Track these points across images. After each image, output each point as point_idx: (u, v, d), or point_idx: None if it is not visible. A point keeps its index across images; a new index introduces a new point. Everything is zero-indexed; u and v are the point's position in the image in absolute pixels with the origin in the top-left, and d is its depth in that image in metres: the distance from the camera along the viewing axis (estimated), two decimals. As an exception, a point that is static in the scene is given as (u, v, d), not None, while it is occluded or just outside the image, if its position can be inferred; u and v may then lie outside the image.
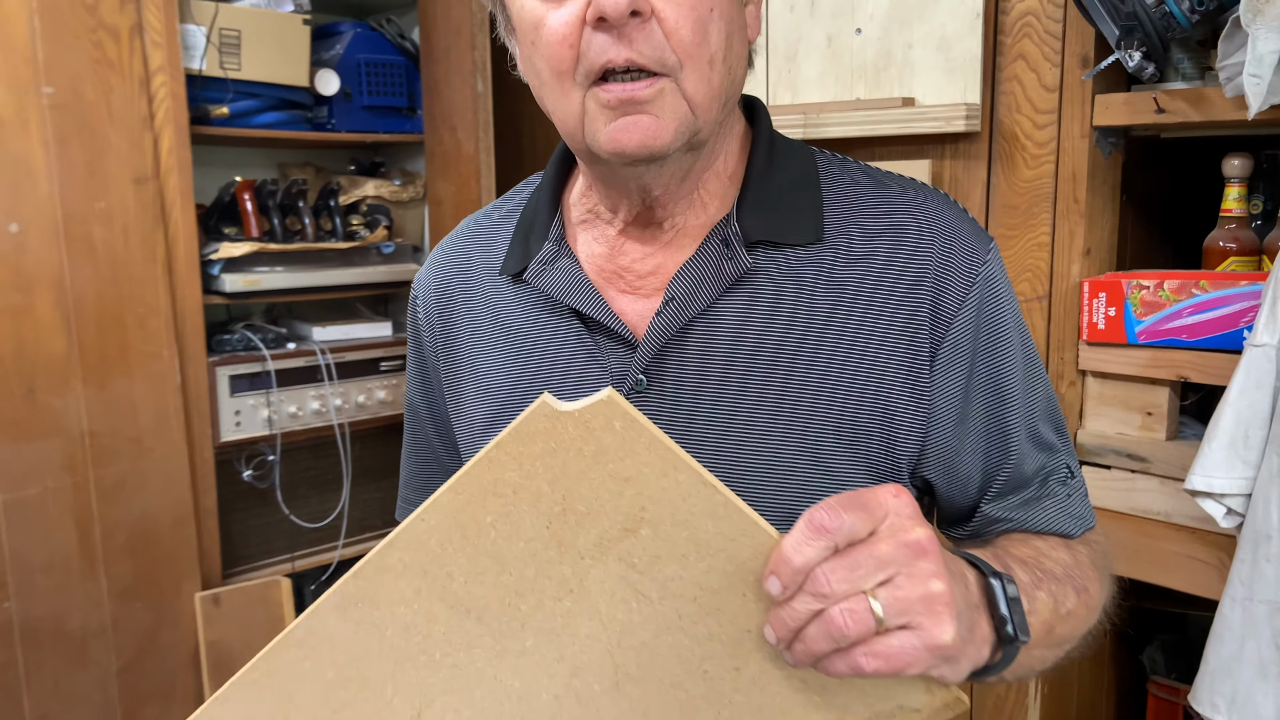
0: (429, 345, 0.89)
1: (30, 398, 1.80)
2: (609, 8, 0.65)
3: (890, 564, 0.54)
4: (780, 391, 0.74)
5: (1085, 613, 0.74)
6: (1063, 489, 0.80)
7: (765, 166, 0.78)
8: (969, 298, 0.75)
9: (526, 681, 0.64)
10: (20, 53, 1.76)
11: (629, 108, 0.68)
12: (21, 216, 1.77)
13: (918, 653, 0.55)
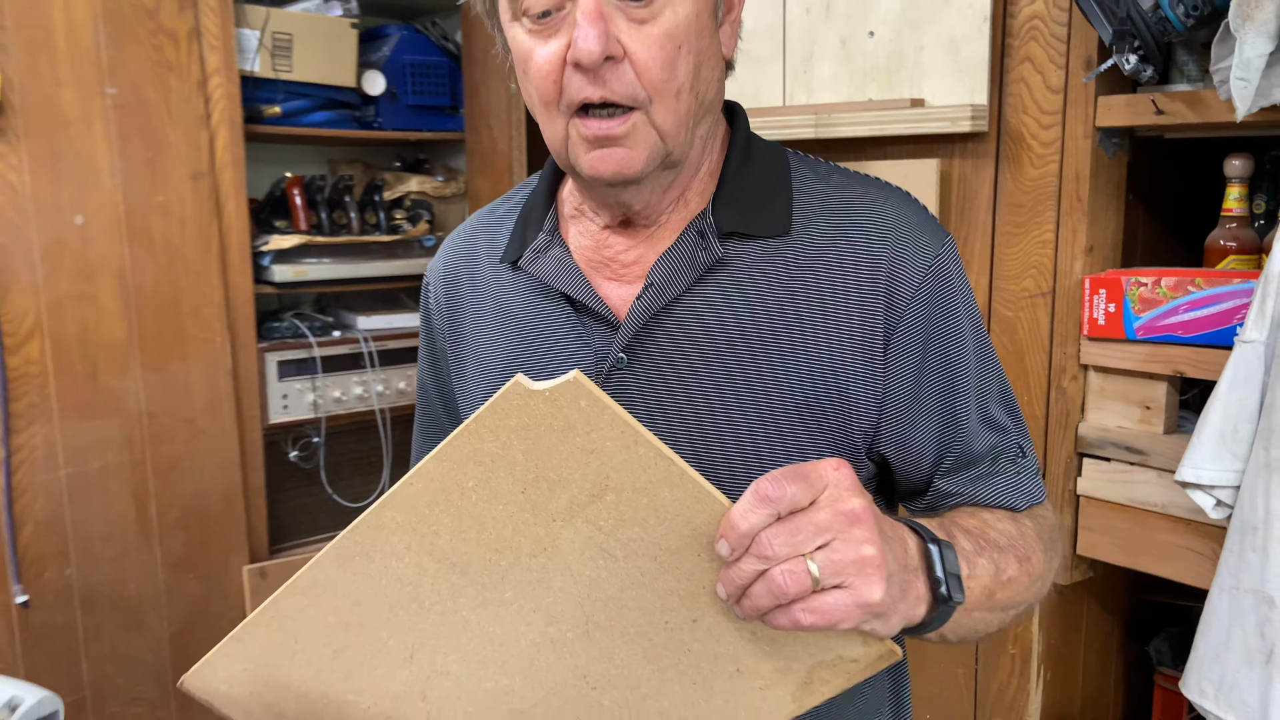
0: (439, 328, 0.97)
1: (93, 379, 1.93)
2: (583, 56, 0.72)
3: (827, 530, 0.61)
4: (747, 370, 0.80)
5: (1027, 580, 0.79)
6: (1012, 467, 0.85)
7: (740, 165, 0.85)
8: (921, 288, 0.81)
9: (506, 628, 0.71)
10: (86, 56, 1.89)
11: (604, 141, 0.76)
12: (86, 210, 1.90)
13: (850, 609, 0.61)
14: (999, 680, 1.64)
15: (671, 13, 0.74)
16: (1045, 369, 1.53)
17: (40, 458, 1.87)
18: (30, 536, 1.86)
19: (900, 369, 0.81)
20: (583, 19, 0.72)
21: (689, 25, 0.75)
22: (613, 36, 0.73)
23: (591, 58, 0.72)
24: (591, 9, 0.72)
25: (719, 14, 0.80)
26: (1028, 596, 0.81)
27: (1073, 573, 1.55)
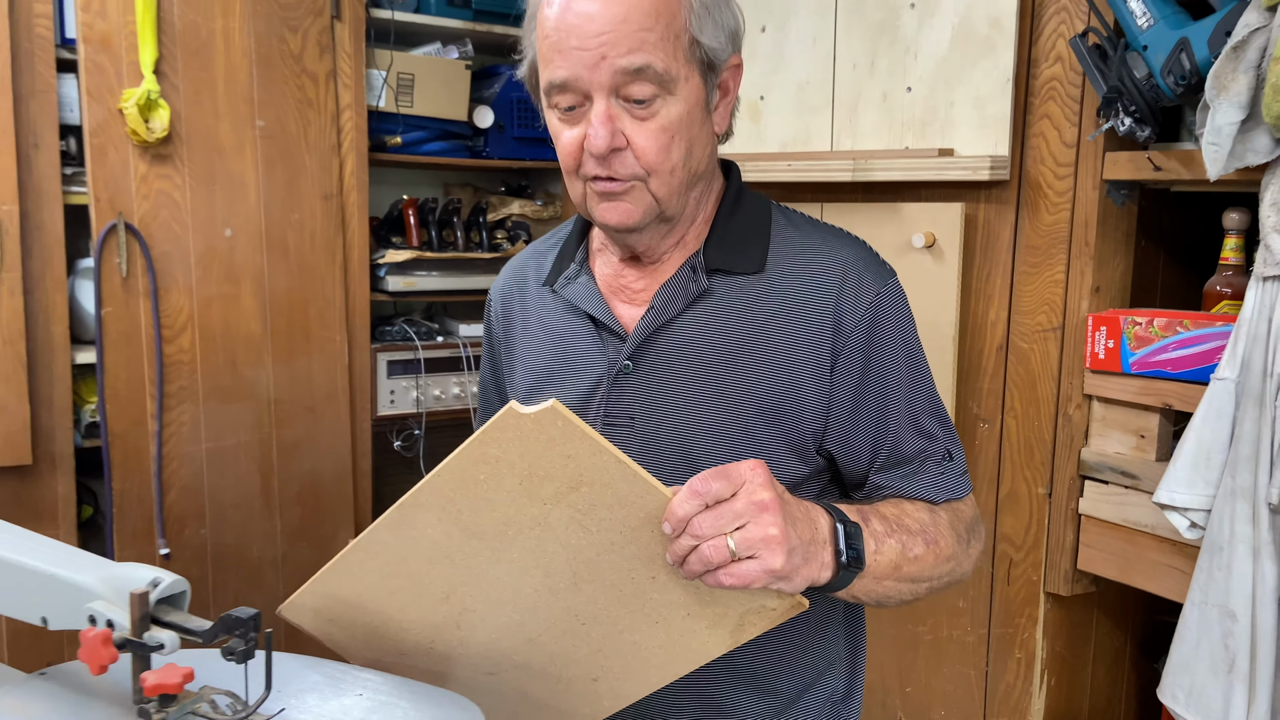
0: (496, 335, 1.21)
1: (232, 368, 2.26)
2: (594, 148, 0.95)
3: (742, 515, 0.81)
4: (723, 378, 1.01)
5: (934, 559, 0.98)
6: (937, 468, 1.03)
7: (728, 215, 1.06)
8: (862, 320, 1.00)
9: (515, 579, 0.94)
10: (241, 94, 2.22)
11: (610, 196, 0.98)
12: (234, 224, 2.24)
13: (758, 574, 0.81)
14: (1005, 682, 1.79)
15: (666, 111, 0.96)
16: (1054, 397, 1.68)
17: (186, 433, 2.20)
18: (174, 499, 2.20)
19: (843, 384, 1.01)
20: (595, 120, 0.95)
21: (681, 119, 0.97)
22: (619, 131, 0.95)
23: (601, 150, 0.95)
24: (603, 112, 0.94)
25: (712, 103, 1.02)
26: (938, 573, 0.99)
27: (1074, 586, 1.69)
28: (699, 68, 0.97)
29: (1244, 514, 1.36)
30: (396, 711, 0.88)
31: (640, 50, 0.93)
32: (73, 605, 0.85)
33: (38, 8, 2.02)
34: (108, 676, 0.91)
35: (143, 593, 0.82)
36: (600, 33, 0.93)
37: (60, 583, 0.86)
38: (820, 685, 1.10)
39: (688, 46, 0.96)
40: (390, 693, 0.91)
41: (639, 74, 0.93)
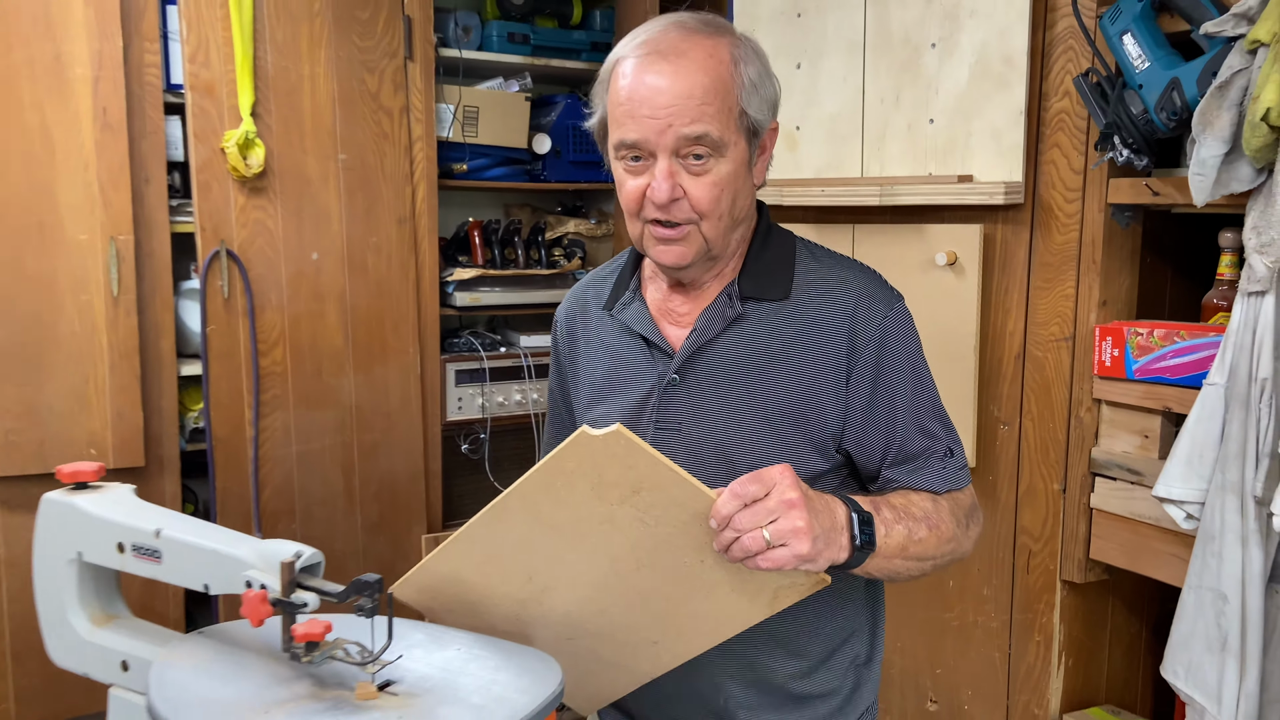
0: (563, 352, 1.40)
1: (318, 378, 2.49)
2: (657, 198, 1.13)
3: (774, 512, 0.99)
4: (755, 389, 1.20)
5: (936, 541, 1.15)
6: (939, 463, 1.20)
7: (760, 250, 1.25)
8: (872, 339, 1.18)
9: (587, 564, 1.13)
10: (325, 131, 2.46)
11: (667, 240, 1.17)
12: (320, 248, 2.47)
13: (788, 559, 0.99)
14: (1026, 663, 1.94)
15: (718, 169, 1.14)
16: (1067, 401, 1.84)
17: (278, 437, 2.44)
18: (269, 497, 2.44)
19: (857, 394, 1.19)
20: (659, 175, 1.13)
21: (729, 176, 1.15)
22: (678, 184, 1.14)
23: (662, 201, 1.14)
24: (665, 169, 1.13)
25: (753, 159, 1.20)
26: (940, 552, 1.16)
27: (1087, 574, 1.84)
28: (745, 134, 1.16)
29: (1233, 506, 1.51)
30: (490, 662, 1.08)
31: (700, 121, 1.11)
32: (231, 574, 1.06)
33: (148, 58, 2.27)
34: (249, 633, 1.12)
35: (290, 562, 1.03)
36: (669, 105, 1.11)
37: (222, 556, 1.07)
38: (845, 650, 1.28)
39: (738, 117, 1.14)
40: (482, 648, 1.11)
41: (698, 140, 1.12)
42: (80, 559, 1.18)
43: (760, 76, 1.17)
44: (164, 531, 1.11)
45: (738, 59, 1.15)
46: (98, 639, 1.18)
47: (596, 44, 2.94)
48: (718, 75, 1.13)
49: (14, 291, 2.14)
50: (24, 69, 2.13)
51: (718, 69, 1.13)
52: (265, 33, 2.37)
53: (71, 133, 2.17)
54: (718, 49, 1.14)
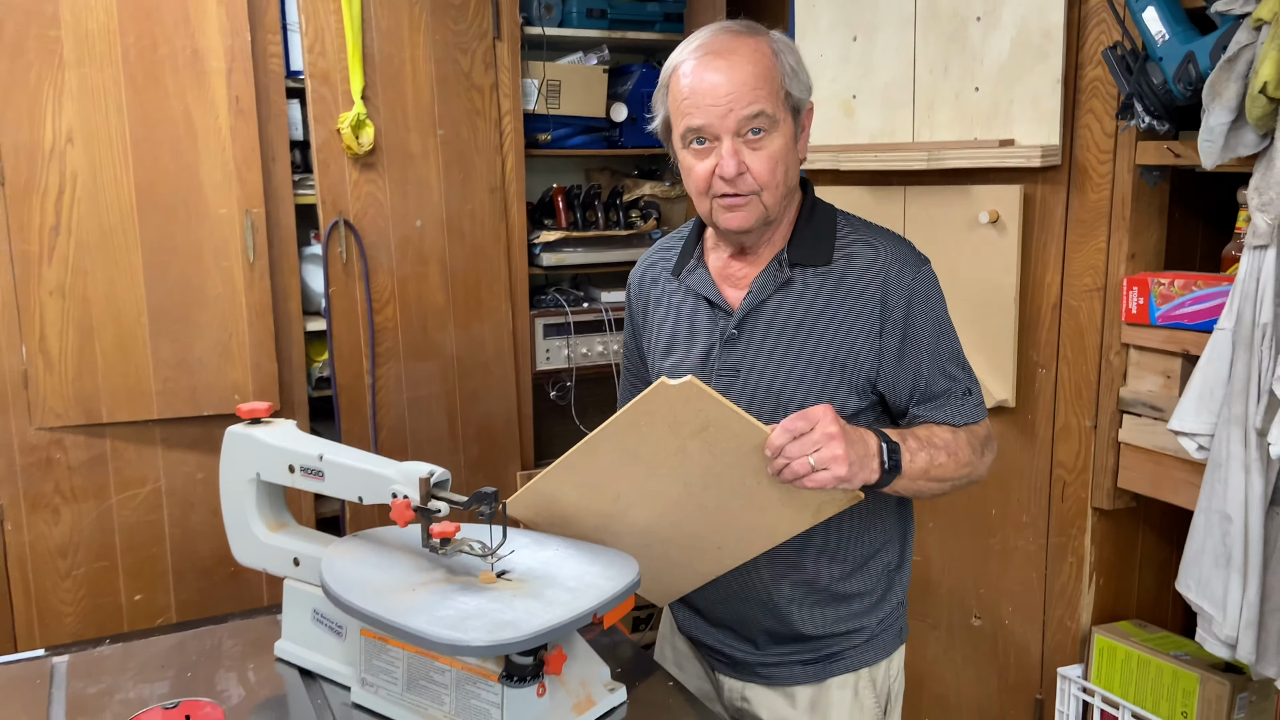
0: (635, 310, 1.65)
1: (424, 332, 2.79)
2: (727, 174, 1.35)
3: (818, 442, 1.22)
4: (802, 342, 1.42)
5: (954, 466, 1.36)
6: (958, 401, 1.42)
7: (806, 222, 1.47)
8: (900, 299, 1.39)
9: (663, 486, 1.38)
10: (425, 110, 2.73)
11: (734, 207, 1.40)
12: (423, 216, 2.75)
13: (830, 480, 1.23)
14: (1060, 582, 2.15)
15: (771, 143, 1.36)
16: (1098, 346, 2.02)
17: (392, 385, 2.75)
18: (385, 437, 2.76)
19: (888, 345, 1.40)
20: (725, 154, 1.36)
21: (782, 149, 1.37)
22: (741, 160, 1.37)
23: (730, 174, 1.36)
24: (730, 148, 1.36)
25: (798, 136, 1.42)
26: (959, 475, 1.38)
27: (1115, 502, 2.04)
28: (790, 112, 1.38)
29: (1237, 437, 1.69)
30: (583, 558, 1.35)
31: (756, 102, 1.34)
32: (380, 488, 1.35)
33: (271, 49, 2.56)
34: (393, 535, 1.41)
35: (426, 477, 1.31)
36: (729, 92, 1.34)
37: (373, 475, 1.36)
38: (879, 557, 1.51)
39: (784, 98, 1.37)
40: (576, 548, 1.39)
41: (755, 118, 1.35)
42: (258, 478, 1.48)
43: (797, 64, 1.40)
44: (326, 455, 1.40)
45: (778, 51, 1.38)
46: (274, 541, 1.49)
47: (669, 15, 3.15)
48: (765, 65, 1.36)
49: (166, 260, 2.48)
50: (168, 63, 2.44)
51: (763, 60, 1.36)
52: (372, 22, 2.64)
53: (210, 119, 2.48)
54: (760, 45, 1.37)
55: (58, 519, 2.46)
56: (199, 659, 1.49)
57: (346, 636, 1.39)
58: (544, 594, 1.25)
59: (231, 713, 1.34)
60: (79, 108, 2.37)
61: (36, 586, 2.45)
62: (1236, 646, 1.74)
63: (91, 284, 2.42)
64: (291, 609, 1.47)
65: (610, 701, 1.34)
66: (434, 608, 1.22)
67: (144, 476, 2.53)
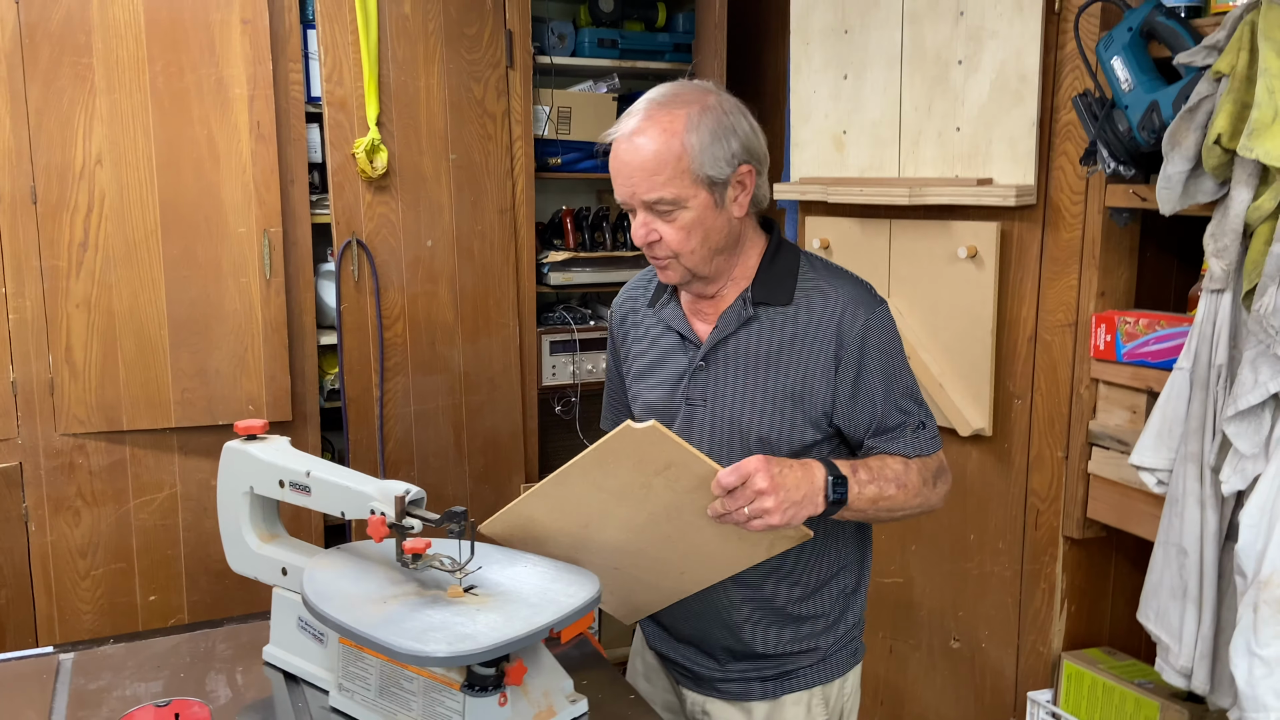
0: (617, 336, 1.74)
1: (432, 348, 2.91)
2: (636, 241, 1.46)
3: (750, 497, 1.30)
4: (764, 375, 1.51)
5: (904, 496, 1.44)
6: (912, 434, 1.49)
7: (769, 264, 1.55)
8: (854, 338, 1.47)
9: (629, 516, 1.46)
10: (438, 134, 2.84)
11: (660, 267, 1.50)
12: (434, 236, 2.87)
13: (765, 527, 1.31)
14: (1033, 608, 2.21)
15: (682, 216, 1.44)
16: (1070, 379, 2.08)
17: (399, 398, 2.87)
18: (392, 448, 2.87)
19: (843, 382, 1.48)
20: (636, 225, 1.46)
21: (694, 220, 1.44)
22: (653, 229, 1.45)
23: (640, 243, 1.47)
24: (641, 219, 1.45)
25: (724, 201, 1.47)
26: (910, 504, 1.45)
27: (1085, 531, 2.09)
28: (704, 186, 1.43)
29: (1194, 473, 1.75)
30: (547, 575, 1.44)
31: (654, 189, 1.42)
32: (360, 504, 1.45)
33: (292, 77, 2.68)
34: (374, 549, 1.51)
35: (401, 496, 1.40)
36: (630, 175, 1.44)
37: (354, 491, 1.46)
38: (835, 580, 1.59)
39: (693, 176, 1.42)
40: (544, 565, 1.48)
41: (656, 202, 1.44)
42: (252, 491, 1.59)
43: (713, 138, 1.41)
44: (313, 472, 1.50)
45: (690, 129, 1.40)
46: (264, 551, 1.60)
47: (679, 45, 3.24)
48: (667, 148, 1.40)
49: (188, 275, 2.61)
50: (193, 90, 2.57)
51: (668, 143, 1.40)
52: (388, 52, 2.76)
53: (232, 142, 2.61)
54: (673, 123, 1.41)
55: (79, 521, 2.60)
56: (193, 660, 1.60)
57: (328, 643, 1.49)
58: (505, 609, 1.34)
59: (218, 712, 1.44)
60: (108, 131, 2.51)
61: (57, 585, 2.59)
62: (1191, 677, 1.79)
63: (116, 297, 2.55)
64: (279, 616, 1.57)
65: (571, 712, 1.42)
66: (402, 620, 1.31)
67: (161, 482, 2.66)
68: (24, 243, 2.47)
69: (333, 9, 2.68)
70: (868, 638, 2.55)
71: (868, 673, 2.60)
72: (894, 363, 1.51)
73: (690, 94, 1.46)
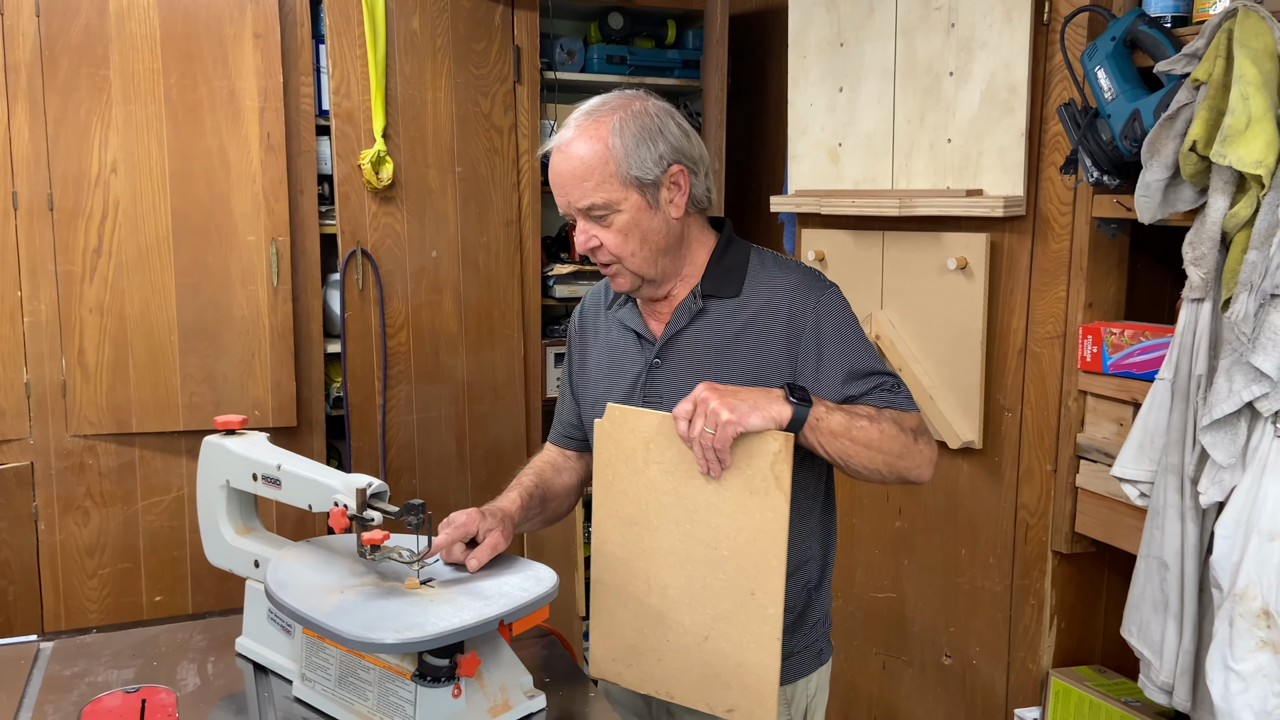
0: (575, 345, 1.74)
1: (436, 357, 2.94)
2: (578, 250, 1.49)
3: (702, 411, 1.32)
4: (719, 368, 1.51)
5: (877, 432, 1.39)
6: (884, 392, 1.47)
7: (718, 259, 1.56)
8: (807, 319, 1.47)
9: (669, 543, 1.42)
10: (445, 147, 2.89)
11: (609, 275, 1.52)
12: (439, 247, 2.91)
13: (724, 428, 1.30)
14: (1023, 624, 2.18)
15: (617, 219, 1.46)
16: (1058, 391, 2.06)
17: (402, 406, 2.90)
18: (394, 455, 2.91)
19: (804, 361, 1.47)
20: (577, 233, 1.49)
21: (630, 222, 1.46)
22: (593, 235, 1.48)
23: (581, 251, 1.49)
24: (581, 227, 1.48)
25: (658, 202, 1.48)
26: (887, 447, 1.40)
27: (1074, 546, 2.07)
28: (634, 188, 1.45)
29: (1174, 485, 1.72)
30: (506, 569, 1.46)
31: (586, 195, 1.45)
32: (325, 497, 1.48)
33: (303, 90, 2.75)
34: (341, 542, 1.54)
35: (363, 488, 1.43)
36: (564, 184, 1.47)
37: (319, 484, 1.49)
38: (799, 575, 1.58)
39: (622, 179, 1.44)
40: (500, 561, 1.49)
41: (589, 208, 1.46)
42: (228, 485, 1.63)
43: (638, 140, 1.44)
44: (283, 466, 1.53)
45: (614, 133, 1.44)
46: (239, 544, 1.63)
47: (688, 61, 3.27)
48: (594, 154, 1.44)
49: (198, 282, 2.67)
50: (206, 102, 2.65)
51: (594, 148, 1.44)
52: (396, 66, 2.82)
53: (242, 153, 2.68)
54: (598, 129, 1.44)
55: (87, 521, 2.66)
56: (168, 650, 1.63)
57: (294, 635, 1.51)
58: (458, 600, 1.36)
59: (185, 699, 1.47)
60: (123, 141, 2.58)
61: (65, 583, 2.65)
62: (1173, 693, 1.76)
63: (128, 302, 2.62)
64: (251, 608, 1.60)
65: (528, 707, 1.43)
66: (355, 609, 1.33)
67: (168, 484, 2.72)
68: (40, 248, 2.55)
69: (342, 23, 2.75)
70: (860, 652, 2.53)
71: (861, 689, 2.57)
72: (853, 339, 1.50)
73: (616, 101, 1.49)
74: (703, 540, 1.43)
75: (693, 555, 1.44)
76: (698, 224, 1.58)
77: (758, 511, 1.39)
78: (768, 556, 1.39)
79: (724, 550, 1.42)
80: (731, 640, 1.43)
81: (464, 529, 1.50)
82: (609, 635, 1.53)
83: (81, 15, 2.52)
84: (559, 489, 1.74)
